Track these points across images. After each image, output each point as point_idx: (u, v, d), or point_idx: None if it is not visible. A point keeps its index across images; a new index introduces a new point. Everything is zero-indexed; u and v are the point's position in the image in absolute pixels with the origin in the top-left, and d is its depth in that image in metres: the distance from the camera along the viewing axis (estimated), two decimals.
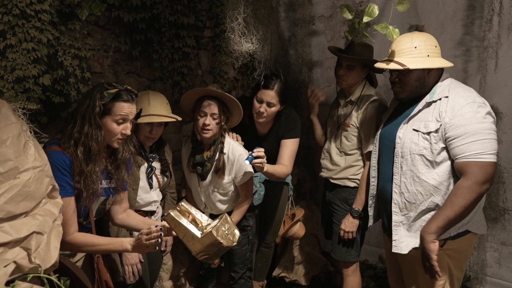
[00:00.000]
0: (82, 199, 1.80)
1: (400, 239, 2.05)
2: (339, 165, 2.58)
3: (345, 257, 2.60)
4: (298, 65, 3.54)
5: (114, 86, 1.80)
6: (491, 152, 1.83)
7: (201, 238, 1.82)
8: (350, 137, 2.53)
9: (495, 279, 2.88)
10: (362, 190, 2.46)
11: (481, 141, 1.82)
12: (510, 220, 2.77)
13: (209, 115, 2.26)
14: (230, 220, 1.96)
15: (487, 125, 1.85)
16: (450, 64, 1.98)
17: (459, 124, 1.85)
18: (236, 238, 1.94)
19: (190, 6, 2.75)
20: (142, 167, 2.28)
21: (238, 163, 2.36)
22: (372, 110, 2.45)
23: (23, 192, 1.36)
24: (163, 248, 2.53)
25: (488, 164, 1.82)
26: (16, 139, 1.39)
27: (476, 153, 1.82)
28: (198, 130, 2.31)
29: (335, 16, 3.35)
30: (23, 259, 1.31)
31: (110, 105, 1.77)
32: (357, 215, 2.49)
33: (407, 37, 2.00)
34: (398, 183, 2.05)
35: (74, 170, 1.74)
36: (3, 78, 2.04)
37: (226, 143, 2.38)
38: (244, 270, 2.60)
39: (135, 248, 1.80)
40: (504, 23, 2.63)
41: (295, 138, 2.61)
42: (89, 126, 1.74)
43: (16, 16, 2.03)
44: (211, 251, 1.86)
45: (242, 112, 2.37)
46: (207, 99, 2.27)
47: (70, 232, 1.75)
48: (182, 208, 1.91)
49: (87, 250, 1.84)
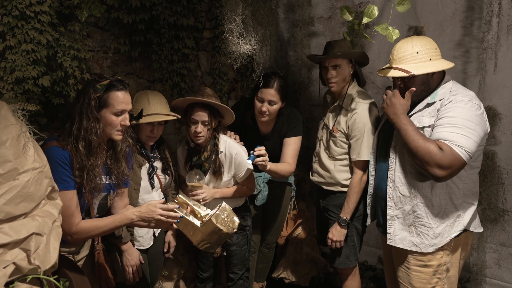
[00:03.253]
0: (83, 195, 1.80)
1: (394, 232, 2.10)
2: (329, 169, 2.55)
3: (346, 264, 2.58)
4: (298, 66, 3.55)
5: (105, 78, 1.81)
6: (464, 147, 1.84)
7: (201, 226, 1.84)
8: (338, 143, 2.49)
9: (494, 280, 2.88)
10: (350, 199, 2.43)
11: (458, 134, 1.85)
12: (509, 221, 2.77)
13: (199, 122, 2.27)
14: (228, 208, 1.97)
15: (472, 124, 1.87)
16: (452, 64, 2.00)
17: (448, 114, 1.89)
18: (236, 225, 1.95)
19: (190, 7, 2.75)
20: (144, 167, 2.28)
21: (236, 160, 2.38)
22: (360, 120, 2.39)
23: (23, 193, 1.36)
24: (166, 250, 2.53)
25: (456, 155, 1.84)
26: (15, 140, 1.39)
27: (448, 140, 1.85)
28: (191, 136, 2.33)
29: (335, 17, 3.36)
30: (23, 260, 1.31)
31: (105, 97, 1.78)
32: (345, 224, 2.46)
33: (407, 43, 2.02)
34: (392, 178, 2.09)
35: (74, 166, 1.75)
36: (2, 79, 2.04)
37: (222, 141, 2.39)
38: (242, 271, 2.60)
39: (140, 216, 1.80)
40: (503, 24, 2.63)
41: (298, 136, 2.61)
42: (87, 120, 1.74)
43: (15, 17, 2.03)
44: (212, 239, 1.87)
45: (233, 113, 2.37)
46: (197, 106, 2.27)
47: (75, 223, 1.75)
48: (180, 201, 1.92)
49: (95, 234, 1.83)
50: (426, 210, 2.01)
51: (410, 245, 2.05)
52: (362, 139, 2.37)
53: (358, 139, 2.39)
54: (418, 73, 1.94)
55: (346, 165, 2.51)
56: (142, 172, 2.27)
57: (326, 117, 2.60)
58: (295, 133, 2.60)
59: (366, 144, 2.36)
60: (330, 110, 2.58)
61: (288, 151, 2.58)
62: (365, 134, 2.36)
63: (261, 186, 2.70)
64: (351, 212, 2.45)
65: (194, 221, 1.84)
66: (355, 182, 2.42)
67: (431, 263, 2.03)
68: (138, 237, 2.32)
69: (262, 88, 2.47)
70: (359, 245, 2.61)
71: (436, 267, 2.03)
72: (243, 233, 2.54)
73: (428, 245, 2.01)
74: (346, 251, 2.55)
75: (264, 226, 2.95)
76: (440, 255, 2.03)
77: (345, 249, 2.55)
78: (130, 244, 2.25)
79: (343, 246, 2.54)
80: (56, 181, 1.56)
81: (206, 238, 1.86)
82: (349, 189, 2.45)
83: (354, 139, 2.41)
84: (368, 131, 2.36)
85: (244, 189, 2.48)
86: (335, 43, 2.47)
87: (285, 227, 3.00)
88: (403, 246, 2.07)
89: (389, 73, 2.01)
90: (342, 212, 2.46)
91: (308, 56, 2.67)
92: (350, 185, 2.45)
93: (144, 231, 2.33)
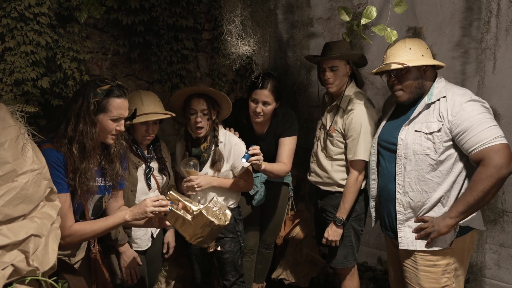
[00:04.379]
0: (76, 197, 1.80)
1: (405, 236, 2.10)
2: (326, 169, 2.55)
3: (344, 264, 2.59)
4: (297, 67, 3.55)
5: (106, 83, 1.81)
6: (500, 135, 1.89)
7: (192, 220, 1.83)
8: (335, 143, 2.50)
9: (494, 281, 2.88)
10: (346, 198, 2.44)
11: (488, 128, 1.88)
12: (509, 222, 2.77)
13: (199, 111, 2.30)
14: (220, 201, 1.97)
15: (488, 114, 1.93)
16: (443, 64, 2.08)
17: (463, 119, 1.91)
18: (228, 217, 1.95)
19: (189, 8, 2.76)
20: (140, 168, 2.28)
21: (235, 151, 2.40)
22: (356, 120, 2.39)
23: (21, 195, 1.36)
24: (165, 251, 2.53)
25: (501, 147, 1.86)
26: (14, 142, 1.39)
27: (487, 140, 1.87)
28: (192, 129, 2.35)
29: (333, 18, 3.36)
30: (21, 262, 1.32)
31: (104, 102, 1.77)
32: (341, 224, 2.46)
33: (399, 42, 2.10)
34: (401, 183, 2.09)
35: (68, 168, 1.75)
36: (1, 81, 2.04)
37: (222, 133, 2.43)
38: (236, 277, 2.59)
39: (133, 215, 1.81)
40: (502, 25, 2.64)
41: (293, 136, 2.62)
42: (83, 123, 1.74)
43: (14, 19, 2.03)
44: (204, 233, 1.86)
45: (231, 103, 2.40)
46: (195, 97, 2.31)
47: (68, 226, 1.74)
48: (171, 197, 1.92)
49: (89, 236, 1.82)
50: (436, 210, 2.02)
51: (421, 245, 2.06)
52: (358, 138, 2.38)
53: (354, 139, 2.39)
54: (412, 65, 1.99)
55: (343, 165, 2.51)
56: (139, 173, 2.27)
57: (324, 117, 2.61)
58: (290, 133, 2.61)
59: (362, 144, 2.37)
60: (328, 110, 2.59)
61: (283, 151, 2.59)
62: (361, 134, 2.37)
63: (258, 186, 2.71)
64: (347, 212, 2.45)
65: (185, 215, 1.84)
66: (351, 182, 2.42)
67: (440, 262, 2.04)
68: (135, 239, 2.31)
69: (256, 89, 2.48)
70: (357, 245, 2.61)
71: (445, 267, 2.04)
72: (235, 239, 2.53)
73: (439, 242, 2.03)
74: (344, 251, 2.56)
75: (262, 226, 2.95)
76: (448, 254, 2.04)
77: (342, 249, 2.55)
78: (128, 246, 2.25)
79: (341, 246, 2.54)
80: None
81: (198, 232, 1.85)
82: (345, 189, 2.45)
83: (350, 138, 2.42)
84: (365, 131, 2.37)
85: (242, 183, 2.48)
86: (333, 44, 2.48)
87: (283, 227, 3.00)
88: (415, 247, 2.07)
89: (383, 68, 2.06)
90: (338, 212, 2.47)
91: (306, 56, 2.69)
92: (346, 185, 2.46)
93: (142, 233, 2.33)
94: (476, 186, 1.88)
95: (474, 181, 1.90)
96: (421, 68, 2.04)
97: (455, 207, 1.95)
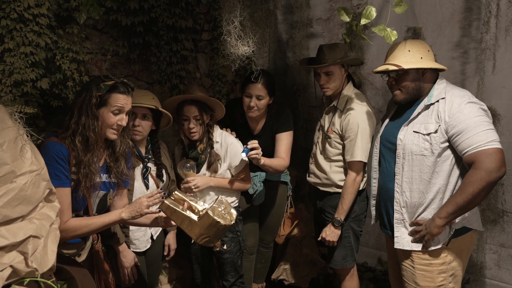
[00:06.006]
0: (80, 191, 1.80)
1: (401, 236, 2.11)
2: (325, 170, 2.55)
3: (343, 265, 2.59)
4: (296, 68, 3.55)
5: (110, 78, 1.83)
6: (494, 139, 1.89)
7: (198, 220, 1.84)
8: (333, 144, 2.50)
9: (494, 281, 2.87)
10: (344, 199, 2.44)
11: (483, 132, 1.89)
12: (509, 222, 2.77)
13: (191, 117, 2.33)
14: (225, 201, 1.98)
15: (485, 117, 1.93)
16: (443, 67, 2.07)
17: (459, 120, 1.92)
18: (234, 217, 1.96)
19: (188, 9, 2.76)
20: (137, 168, 2.28)
21: (232, 150, 2.42)
22: (353, 120, 2.39)
23: (20, 196, 1.36)
24: (166, 253, 2.52)
25: (494, 151, 1.87)
26: (12, 143, 1.39)
27: (480, 143, 1.88)
28: (186, 134, 2.39)
29: (333, 19, 3.36)
30: (20, 263, 1.31)
31: (106, 97, 1.80)
32: (339, 225, 2.46)
33: (401, 43, 2.11)
34: (399, 183, 2.10)
35: (71, 161, 1.76)
36: (1, 82, 2.04)
37: (217, 134, 2.45)
38: (235, 277, 2.59)
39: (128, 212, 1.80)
40: (501, 25, 2.63)
41: (289, 131, 2.64)
42: (86, 116, 1.76)
43: (14, 20, 2.03)
44: (210, 233, 1.87)
45: (223, 106, 2.42)
46: (187, 104, 2.33)
47: (63, 221, 1.74)
48: (176, 197, 1.92)
49: (83, 232, 1.81)
50: (433, 212, 2.03)
51: (417, 246, 2.07)
52: (355, 139, 2.38)
53: (352, 140, 2.39)
54: (407, 67, 2.01)
55: (341, 166, 2.52)
56: (136, 173, 2.27)
57: (322, 118, 2.61)
58: (286, 128, 2.63)
59: (359, 145, 2.37)
60: (326, 111, 2.59)
61: (280, 146, 2.61)
62: (358, 135, 2.37)
63: (257, 185, 2.71)
64: (345, 212, 2.45)
65: (191, 215, 1.85)
66: (349, 183, 2.42)
67: (436, 261, 2.05)
68: (133, 240, 2.31)
69: (249, 83, 2.51)
70: (356, 246, 2.61)
71: (441, 266, 2.05)
72: (235, 239, 2.54)
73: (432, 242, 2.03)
74: (343, 251, 2.56)
75: (261, 225, 2.96)
76: (445, 254, 2.05)
77: (341, 250, 2.55)
78: (125, 245, 2.25)
79: (340, 247, 2.54)
80: (50, 176, 1.55)
81: (205, 232, 1.86)
82: (343, 190, 2.45)
83: (347, 139, 2.42)
84: (362, 132, 2.37)
85: (240, 181, 2.49)
86: (327, 49, 2.46)
87: (282, 226, 3.00)
88: (410, 247, 2.09)
89: (380, 68, 2.09)
90: (336, 213, 2.47)
91: (300, 62, 2.68)
92: (344, 186, 2.46)
93: (140, 234, 2.33)
94: (466, 188, 1.89)
95: (465, 183, 1.91)
96: (419, 71, 2.05)
97: (445, 208, 1.97)
